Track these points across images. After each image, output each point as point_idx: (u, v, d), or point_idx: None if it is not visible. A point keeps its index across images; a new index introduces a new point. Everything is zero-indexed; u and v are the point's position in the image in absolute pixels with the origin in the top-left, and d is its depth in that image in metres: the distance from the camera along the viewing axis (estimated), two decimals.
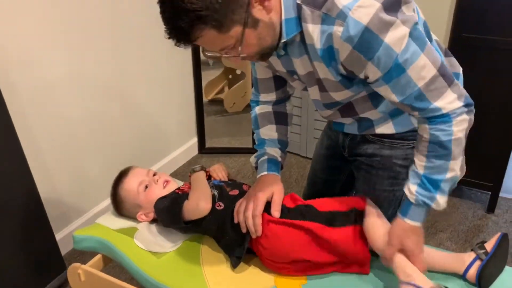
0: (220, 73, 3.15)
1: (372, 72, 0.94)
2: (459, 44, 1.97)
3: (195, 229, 1.25)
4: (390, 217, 1.13)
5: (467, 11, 1.92)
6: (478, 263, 1.10)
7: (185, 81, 2.63)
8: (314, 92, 1.12)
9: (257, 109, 1.32)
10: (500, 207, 2.26)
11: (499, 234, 1.14)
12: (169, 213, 1.24)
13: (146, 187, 1.32)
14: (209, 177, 1.37)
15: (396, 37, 0.88)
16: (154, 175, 1.37)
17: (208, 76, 2.90)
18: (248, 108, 3.01)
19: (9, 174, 1.54)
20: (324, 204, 1.20)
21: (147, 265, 1.21)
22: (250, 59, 1.01)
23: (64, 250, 1.94)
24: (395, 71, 0.92)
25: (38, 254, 1.70)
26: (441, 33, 2.08)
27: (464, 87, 1.00)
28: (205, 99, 2.80)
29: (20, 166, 1.58)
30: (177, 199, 1.24)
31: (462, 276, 1.11)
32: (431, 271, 1.11)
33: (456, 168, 0.99)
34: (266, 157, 1.27)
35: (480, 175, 2.17)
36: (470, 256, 1.12)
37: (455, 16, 1.97)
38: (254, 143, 1.38)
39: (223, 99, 3.15)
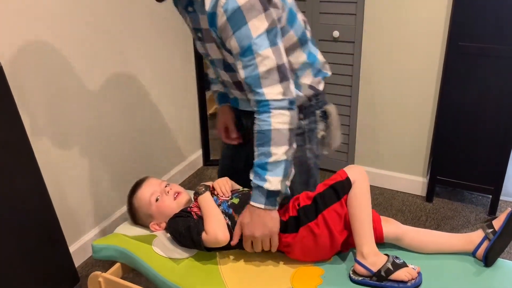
0: None
1: (233, 47, 1.12)
2: (456, 52, 2.04)
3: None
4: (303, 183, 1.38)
5: (462, 21, 1.99)
6: (486, 243, 1.17)
7: (189, 96, 2.69)
8: (212, 49, 1.25)
9: None
10: (501, 210, 2.30)
11: (508, 210, 1.17)
12: (189, 241, 1.26)
13: (157, 199, 1.35)
14: (213, 188, 1.37)
15: (256, 25, 1.09)
16: (166, 186, 1.39)
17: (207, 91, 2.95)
18: None
19: (26, 190, 1.57)
20: (307, 194, 1.26)
21: (167, 271, 1.24)
22: None
23: (77, 262, 1.97)
24: (247, 51, 1.11)
25: (53, 267, 1.72)
26: (437, 42, 2.15)
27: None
28: None
29: (36, 181, 1.62)
30: (192, 228, 1.24)
31: (472, 254, 1.20)
32: (443, 253, 1.23)
33: (278, 152, 1.14)
34: (216, 94, 1.53)
35: (481, 179, 2.22)
36: (478, 236, 1.19)
37: (451, 26, 2.05)
38: None
39: None
